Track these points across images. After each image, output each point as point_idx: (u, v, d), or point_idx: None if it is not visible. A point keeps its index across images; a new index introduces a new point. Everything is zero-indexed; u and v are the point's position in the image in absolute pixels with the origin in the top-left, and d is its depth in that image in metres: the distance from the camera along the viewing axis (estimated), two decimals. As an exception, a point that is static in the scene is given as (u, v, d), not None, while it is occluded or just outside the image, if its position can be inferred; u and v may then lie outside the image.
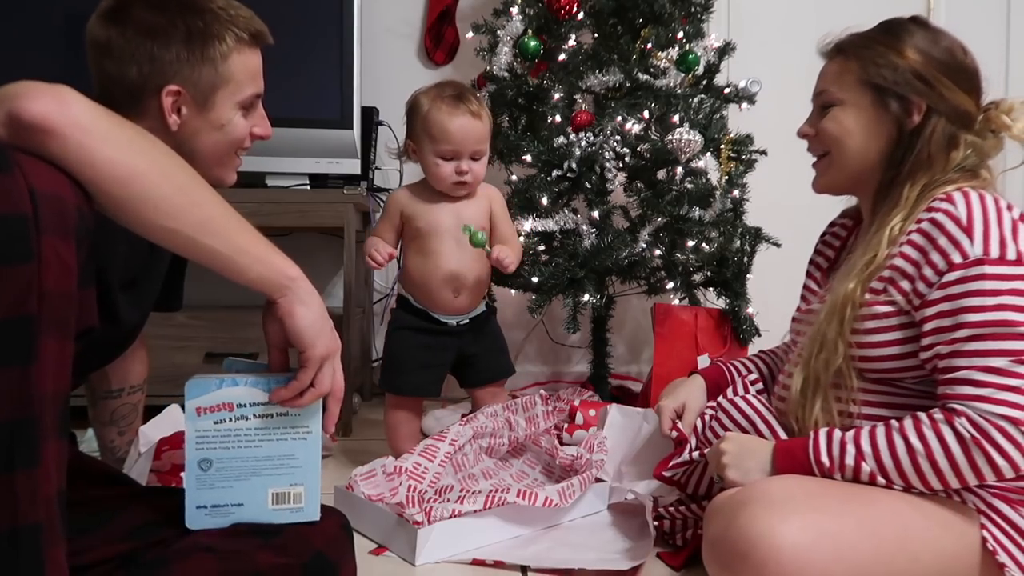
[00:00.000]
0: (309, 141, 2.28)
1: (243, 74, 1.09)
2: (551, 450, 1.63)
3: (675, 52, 2.24)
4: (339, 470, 1.82)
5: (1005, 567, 1.01)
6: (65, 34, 2.24)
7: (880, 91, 1.16)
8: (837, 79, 1.21)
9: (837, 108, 1.20)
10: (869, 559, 0.99)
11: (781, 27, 2.86)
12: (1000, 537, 1.04)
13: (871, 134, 1.18)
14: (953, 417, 0.99)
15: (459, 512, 1.32)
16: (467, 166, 1.66)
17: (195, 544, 0.97)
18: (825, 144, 1.22)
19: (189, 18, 1.05)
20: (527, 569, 1.26)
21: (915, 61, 1.14)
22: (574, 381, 2.62)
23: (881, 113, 1.16)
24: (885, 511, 1.02)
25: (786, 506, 1.01)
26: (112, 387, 1.39)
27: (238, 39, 1.08)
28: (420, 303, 1.74)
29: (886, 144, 1.17)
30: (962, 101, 1.14)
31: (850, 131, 1.19)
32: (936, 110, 1.14)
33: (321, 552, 1.01)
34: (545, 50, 2.23)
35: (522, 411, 1.66)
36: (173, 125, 1.05)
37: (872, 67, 1.16)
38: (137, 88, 1.04)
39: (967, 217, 1.05)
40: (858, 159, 1.19)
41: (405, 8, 2.79)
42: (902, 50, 1.15)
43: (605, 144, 2.14)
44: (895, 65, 1.15)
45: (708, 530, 1.09)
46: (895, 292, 1.10)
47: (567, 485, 1.41)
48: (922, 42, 1.16)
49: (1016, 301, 1.01)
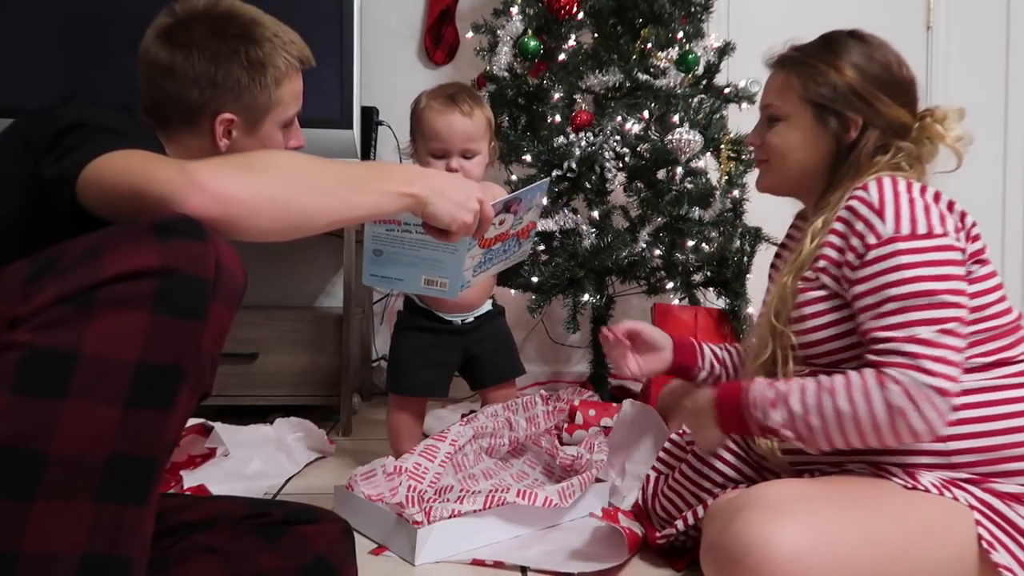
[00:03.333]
0: (309, 141, 2.25)
1: (290, 97, 1.15)
2: (551, 450, 1.63)
3: (675, 52, 2.24)
4: (339, 470, 1.82)
5: (1000, 566, 1.01)
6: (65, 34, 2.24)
7: (820, 108, 1.22)
8: (780, 94, 1.27)
9: (782, 123, 1.26)
10: (868, 567, 0.99)
11: (781, 27, 2.84)
12: (997, 533, 1.04)
13: (811, 149, 1.24)
14: (886, 384, 1.02)
15: (459, 512, 1.32)
16: (457, 164, 1.64)
17: (197, 545, 0.98)
18: (768, 155, 1.29)
19: (250, 47, 1.09)
20: (527, 569, 1.26)
21: (852, 79, 1.20)
22: (574, 381, 2.62)
23: (821, 129, 1.22)
24: (887, 517, 1.02)
25: (782, 511, 1.00)
26: None
27: (289, 65, 1.13)
28: (425, 303, 1.74)
29: (824, 157, 1.23)
30: (898, 114, 1.20)
31: (793, 146, 1.25)
32: (872, 124, 1.20)
33: (323, 556, 1.02)
34: (545, 50, 2.23)
35: (522, 411, 1.65)
36: (223, 147, 1.10)
37: (812, 85, 1.22)
38: (195, 111, 1.08)
39: (879, 200, 1.11)
40: (798, 170, 1.26)
41: (405, 8, 2.80)
42: (840, 67, 1.21)
43: (605, 144, 2.14)
44: (833, 83, 1.20)
45: (705, 534, 1.09)
46: (826, 278, 1.16)
47: (567, 485, 1.41)
48: (859, 58, 1.21)
49: (932, 271, 1.06)
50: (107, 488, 0.71)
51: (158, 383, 0.73)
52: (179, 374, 0.74)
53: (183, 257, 0.73)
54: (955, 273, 1.07)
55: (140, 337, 0.71)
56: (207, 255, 0.75)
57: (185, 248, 0.74)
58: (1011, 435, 1.08)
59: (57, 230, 0.81)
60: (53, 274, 0.72)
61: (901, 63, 1.23)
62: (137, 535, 0.74)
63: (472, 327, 1.76)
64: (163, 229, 0.74)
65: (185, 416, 0.77)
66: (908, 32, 2.89)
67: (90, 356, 0.70)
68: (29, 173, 0.88)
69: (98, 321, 0.70)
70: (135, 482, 0.73)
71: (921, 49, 2.89)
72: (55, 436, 0.69)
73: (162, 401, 0.73)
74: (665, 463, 1.39)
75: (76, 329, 0.70)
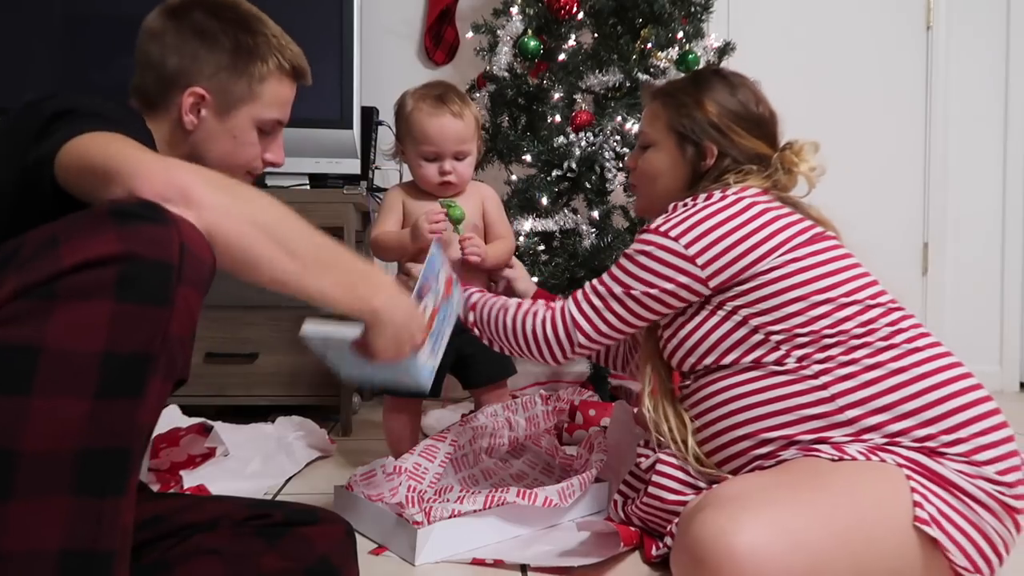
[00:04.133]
0: (309, 141, 2.28)
1: (272, 98, 1.13)
2: (551, 450, 1.63)
3: (675, 52, 2.24)
4: (339, 470, 1.82)
5: (919, 520, 1.02)
6: (64, 34, 2.24)
7: (681, 137, 1.35)
8: (652, 123, 1.40)
9: (651, 150, 1.39)
10: (825, 545, 1.00)
11: (781, 27, 2.86)
12: (929, 485, 1.05)
13: (673, 174, 1.37)
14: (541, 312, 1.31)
15: (459, 512, 1.32)
16: (450, 166, 1.63)
17: (199, 547, 0.97)
18: (637, 180, 1.44)
19: (242, 34, 1.09)
20: (527, 568, 1.26)
21: (711, 113, 1.33)
22: (574, 381, 2.62)
23: (680, 155, 1.35)
24: (836, 496, 1.04)
25: (736, 504, 1.02)
26: None
27: (279, 67, 1.12)
28: (417, 302, 1.73)
29: (684, 182, 1.36)
30: (753, 145, 1.32)
31: (659, 171, 1.39)
32: (727, 153, 1.32)
33: (325, 557, 1.01)
34: (545, 50, 2.23)
35: (522, 411, 1.65)
36: (189, 124, 1.08)
37: (676, 115, 1.36)
38: (170, 80, 1.07)
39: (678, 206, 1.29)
40: (663, 194, 1.38)
41: (405, 8, 2.80)
42: (702, 102, 1.34)
43: (605, 144, 2.14)
44: (694, 117, 1.34)
45: (675, 539, 1.12)
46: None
47: (567, 485, 1.41)
48: (720, 95, 1.34)
49: (640, 260, 1.26)
50: (83, 482, 0.70)
51: (126, 372, 0.71)
52: (147, 361, 0.72)
53: (144, 241, 0.71)
54: (651, 271, 1.24)
55: (104, 327, 0.70)
56: (170, 238, 0.73)
57: (146, 232, 0.72)
58: (893, 394, 1.12)
59: (45, 215, 0.79)
60: (11, 267, 0.71)
61: (760, 101, 1.36)
62: (117, 527, 0.73)
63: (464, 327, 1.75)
64: (122, 214, 0.73)
65: (159, 403, 0.76)
66: (908, 32, 2.89)
67: (54, 349, 0.68)
68: (19, 161, 0.87)
69: (59, 313, 0.69)
70: (111, 474, 0.72)
71: (921, 49, 2.90)
72: (24, 433, 0.68)
73: (132, 390, 0.72)
74: (630, 486, 1.40)
75: (37, 323, 0.68)
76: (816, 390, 1.15)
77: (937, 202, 2.96)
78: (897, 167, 2.96)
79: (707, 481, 1.28)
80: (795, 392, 1.16)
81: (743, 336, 1.21)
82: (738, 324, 1.21)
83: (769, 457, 1.19)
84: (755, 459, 1.21)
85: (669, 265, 1.23)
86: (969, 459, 1.08)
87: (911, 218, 2.97)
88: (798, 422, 1.16)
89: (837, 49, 2.84)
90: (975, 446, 1.08)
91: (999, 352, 2.97)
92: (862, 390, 1.13)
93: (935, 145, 2.94)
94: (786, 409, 1.17)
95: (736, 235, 1.21)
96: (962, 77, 2.91)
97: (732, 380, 1.22)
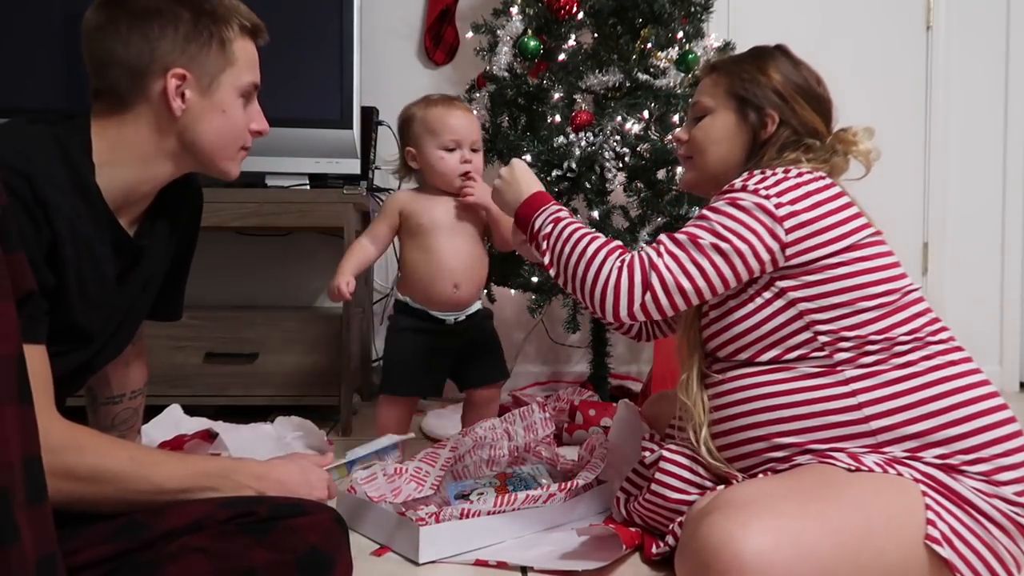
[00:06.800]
0: (309, 141, 2.28)
1: (245, 60, 1.12)
2: (552, 459, 1.64)
3: (675, 52, 2.24)
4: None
5: (929, 538, 1.01)
6: (65, 34, 2.24)
7: (743, 102, 1.31)
8: (710, 91, 1.36)
9: (708, 118, 1.35)
10: (833, 557, 0.99)
11: (781, 27, 2.85)
12: (943, 502, 1.05)
13: (731, 141, 1.33)
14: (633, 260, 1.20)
15: (468, 512, 1.33)
16: (469, 155, 1.74)
17: (187, 546, 0.95)
18: (691, 151, 1.38)
19: (195, 1, 1.07)
20: (528, 570, 1.26)
21: (776, 80, 1.31)
22: (574, 381, 2.62)
23: (741, 121, 1.32)
24: (847, 507, 1.03)
25: (745, 512, 1.01)
26: (113, 393, 1.39)
27: (241, 27, 1.11)
28: (419, 302, 1.76)
29: (742, 151, 1.32)
30: (811, 119, 1.30)
31: (715, 139, 1.34)
32: (787, 123, 1.29)
33: (315, 546, 0.99)
34: (545, 50, 2.23)
35: (519, 420, 1.67)
36: (177, 110, 1.06)
37: (738, 81, 1.33)
38: (139, 69, 1.04)
39: (750, 174, 1.23)
40: (718, 163, 1.34)
41: (405, 8, 2.79)
42: (766, 70, 1.32)
43: (605, 144, 2.14)
44: (758, 81, 1.31)
45: (680, 542, 1.11)
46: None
47: (569, 484, 1.42)
48: (784, 67, 1.32)
49: (729, 211, 1.19)
50: None
51: None
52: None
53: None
54: (741, 223, 1.17)
55: None
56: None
57: None
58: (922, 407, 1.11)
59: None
60: None
61: (820, 82, 1.34)
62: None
63: (464, 327, 1.79)
64: None
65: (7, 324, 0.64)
66: (908, 32, 2.89)
67: None
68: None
69: None
70: None
71: (921, 49, 2.89)
72: None
73: None
74: (633, 483, 1.40)
75: None
76: (844, 397, 1.13)
77: (937, 202, 2.96)
78: (897, 167, 2.96)
79: (714, 478, 1.27)
80: (822, 398, 1.15)
81: (792, 331, 1.18)
82: (792, 318, 1.18)
83: (784, 461, 1.18)
84: (768, 461, 1.20)
85: (759, 220, 1.17)
86: (989, 478, 1.07)
87: (911, 218, 2.97)
88: (819, 428, 1.14)
89: (837, 49, 2.83)
90: (996, 466, 1.08)
91: (999, 352, 2.97)
92: (891, 401, 1.12)
93: (935, 145, 2.94)
94: (810, 414, 1.15)
95: (821, 209, 1.17)
96: (962, 77, 2.91)
97: (760, 379, 1.20)
